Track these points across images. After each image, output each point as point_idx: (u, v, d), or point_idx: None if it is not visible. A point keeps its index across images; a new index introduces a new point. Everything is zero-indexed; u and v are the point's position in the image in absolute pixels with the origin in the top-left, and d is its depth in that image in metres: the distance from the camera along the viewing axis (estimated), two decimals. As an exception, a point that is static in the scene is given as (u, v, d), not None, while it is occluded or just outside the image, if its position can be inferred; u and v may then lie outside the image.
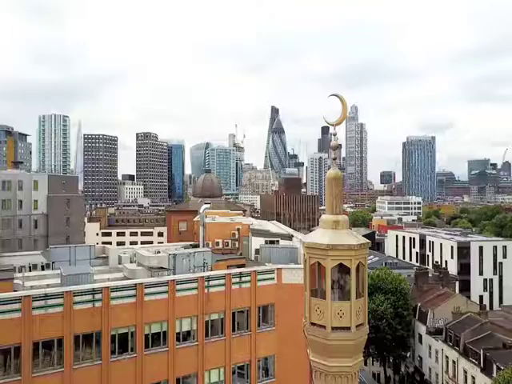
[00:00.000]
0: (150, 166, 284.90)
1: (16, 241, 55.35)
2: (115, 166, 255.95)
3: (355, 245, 9.15)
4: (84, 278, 23.78)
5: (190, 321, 25.45)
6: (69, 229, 60.60)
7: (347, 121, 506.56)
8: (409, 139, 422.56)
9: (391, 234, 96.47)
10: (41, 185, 57.99)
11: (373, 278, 54.71)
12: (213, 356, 25.87)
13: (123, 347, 23.51)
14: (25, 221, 56.66)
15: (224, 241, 39.24)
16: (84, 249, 32.44)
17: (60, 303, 21.71)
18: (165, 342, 24.55)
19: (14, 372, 20.74)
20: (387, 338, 51.08)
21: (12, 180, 57.17)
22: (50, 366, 21.54)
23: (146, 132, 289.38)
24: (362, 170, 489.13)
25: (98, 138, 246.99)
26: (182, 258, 28.53)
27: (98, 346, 22.73)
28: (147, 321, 23.94)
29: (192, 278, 25.61)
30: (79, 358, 22.22)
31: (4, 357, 20.79)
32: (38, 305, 21.21)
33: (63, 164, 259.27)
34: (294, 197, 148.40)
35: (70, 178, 75.16)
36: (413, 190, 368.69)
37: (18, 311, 20.77)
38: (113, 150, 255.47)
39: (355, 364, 9.06)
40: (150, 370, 23.87)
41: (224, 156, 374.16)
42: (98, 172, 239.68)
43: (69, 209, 61.40)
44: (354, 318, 9.04)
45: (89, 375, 22.28)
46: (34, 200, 57.00)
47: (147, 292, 23.99)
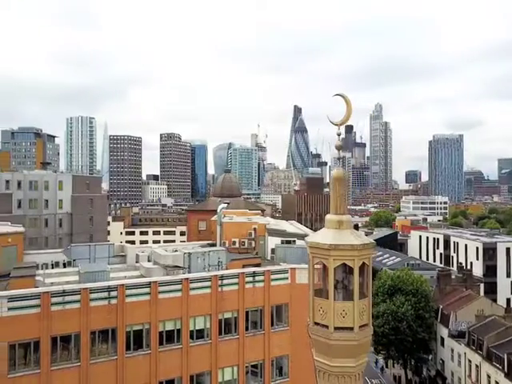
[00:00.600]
0: (174, 166, 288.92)
1: (42, 239, 57.30)
2: (139, 167, 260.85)
3: (358, 245, 9.15)
4: (100, 275, 24.45)
5: (203, 319, 25.77)
6: (92, 227, 62.26)
7: (371, 119, 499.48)
8: (435, 137, 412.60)
9: (414, 234, 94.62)
10: (65, 185, 59.83)
11: (393, 279, 53.92)
12: (226, 354, 26.11)
13: (138, 344, 24.03)
14: (50, 220, 58.60)
15: (240, 240, 39.47)
16: (103, 247, 33.29)
17: (77, 300, 22.40)
18: (179, 340, 24.95)
19: (33, 365, 21.54)
20: (408, 340, 50.24)
21: (38, 180, 59.22)
22: (68, 361, 22.25)
23: (169, 133, 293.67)
24: (387, 169, 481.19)
25: (123, 138, 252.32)
26: (196, 257, 28.91)
27: (114, 342, 23.32)
28: (161, 318, 24.40)
29: (206, 277, 25.93)
30: (95, 354, 22.87)
31: (24, 350, 21.62)
32: (56, 301, 21.94)
33: (90, 164, 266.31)
34: (316, 196, 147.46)
35: (93, 179, 77.15)
36: (439, 190, 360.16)
37: (37, 307, 21.55)
38: (137, 150, 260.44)
39: (359, 365, 9.05)
40: (164, 367, 24.31)
41: (246, 156, 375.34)
42: (122, 172, 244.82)
43: (92, 208, 63.09)
44: (357, 318, 9.04)
45: (105, 370, 22.90)
46: (58, 199, 58.88)
47: (161, 290, 24.44)
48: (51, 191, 59.09)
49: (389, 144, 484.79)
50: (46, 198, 58.87)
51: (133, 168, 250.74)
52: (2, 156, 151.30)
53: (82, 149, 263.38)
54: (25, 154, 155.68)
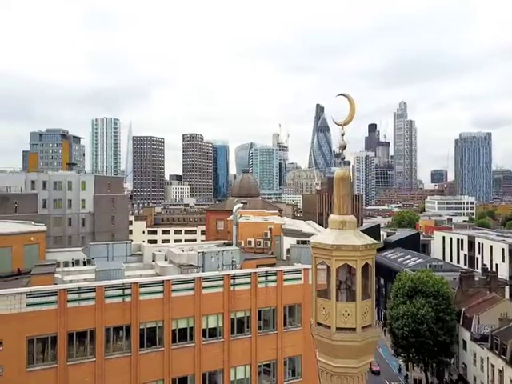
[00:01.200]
0: (196, 166, 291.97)
1: (66, 238, 59.03)
2: (162, 167, 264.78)
3: (360, 245, 9.16)
4: (115, 273, 25.03)
5: (216, 318, 26.03)
6: (114, 227, 63.70)
7: (395, 118, 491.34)
8: (462, 136, 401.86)
9: (438, 235, 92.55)
10: (88, 185, 61.45)
11: (413, 280, 52.90)
12: (239, 353, 26.30)
13: (151, 341, 24.50)
14: (73, 219, 60.31)
15: (256, 240, 39.55)
16: (121, 246, 34.03)
17: (92, 297, 23.03)
18: (191, 338, 25.29)
19: (51, 360, 22.28)
20: (428, 343, 49.22)
21: (62, 181, 61.02)
22: (84, 356, 22.91)
23: (191, 133, 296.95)
24: (412, 168, 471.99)
25: (146, 139, 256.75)
26: (210, 256, 29.23)
27: (128, 339, 23.86)
28: (174, 316, 24.78)
29: (218, 276, 26.18)
30: (110, 350, 23.45)
31: (43, 345, 22.39)
32: (72, 298, 22.63)
33: (114, 165, 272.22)
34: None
35: (114, 179, 78.83)
36: (466, 190, 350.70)
37: (54, 303, 22.28)
38: (160, 151, 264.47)
39: (362, 366, 9.04)
40: (176, 364, 24.69)
41: (267, 156, 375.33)
42: (146, 172, 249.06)
43: (114, 208, 64.56)
44: (359, 319, 9.04)
45: (119, 366, 23.46)
46: (81, 199, 60.53)
47: (174, 288, 24.83)
48: (74, 191, 60.84)
49: (413, 143, 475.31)
50: (70, 198, 60.62)
51: (156, 168, 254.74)
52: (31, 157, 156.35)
53: (106, 150, 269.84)
54: (52, 155, 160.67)
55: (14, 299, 21.45)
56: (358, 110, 9.63)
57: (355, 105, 10.41)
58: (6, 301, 21.32)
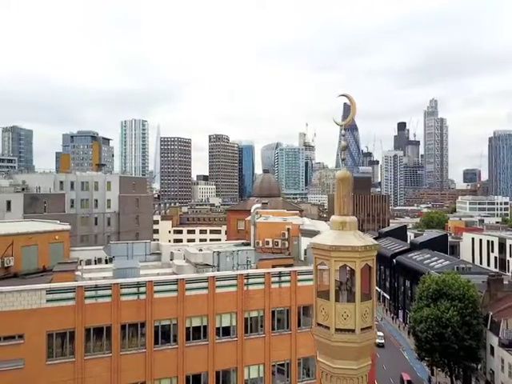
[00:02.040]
0: (222, 166, 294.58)
1: (92, 236, 60.92)
2: (189, 167, 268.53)
3: (359, 246, 9.17)
4: (131, 271, 25.72)
5: (229, 316, 26.29)
6: (138, 226, 65.24)
7: (425, 116, 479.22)
8: (496, 134, 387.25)
9: (467, 236, 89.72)
10: (113, 185, 63.21)
11: (438, 282, 51.59)
12: (252, 352, 26.46)
13: (166, 338, 25.02)
14: (99, 218, 62.18)
15: (274, 240, 39.60)
16: (140, 245, 34.87)
17: (109, 294, 23.75)
18: (205, 336, 25.65)
19: (69, 354, 23.14)
20: (453, 348, 47.85)
21: (89, 181, 63.00)
22: (100, 351, 23.65)
23: (217, 134, 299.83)
24: (443, 167, 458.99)
25: (173, 140, 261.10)
26: (225, 256, 29.58)
27: (143, 336, 24.45)
28: (188, 314, 25.21)
29: (231, 275, 26.43)
30: (126, 346, 24.11)
31: (61, 340, 23.27)
32: (89, 295, 23.42)
33: (142, 166, 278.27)
34: (363, 197, 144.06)
35: (139, 179, 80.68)
36: (501, 189, 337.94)
37: (72, 299, 23.12)
38: (187, 151, 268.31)
39: (361, 367, 9.05)
40: (190, 362, 25.11)
41: (293, 155, 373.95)
42: (173, 173, 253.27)
43: (138, 207, 66.11)
44: (358, 320, 9.06)
45: (134, 362, 24.09)
46: (107, 199, 62.31)
47: (188, 287, 25.25)
48: (100, 191, 62.73)
49: (445, 141, 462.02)
50: (96, 198, 62.54)
51: (183, 169, 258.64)
52: (63, 158, 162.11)
53: (135, 151, 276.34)
54: (82, 156, 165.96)
55: (34, 295, 22.41)
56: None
57: (356, 105, 10.42)
58: (27, 296, 22.30)
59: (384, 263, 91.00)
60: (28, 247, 32.58)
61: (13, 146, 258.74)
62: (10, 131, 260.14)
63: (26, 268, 32.16)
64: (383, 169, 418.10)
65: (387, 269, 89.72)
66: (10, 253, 31.29)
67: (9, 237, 31.54)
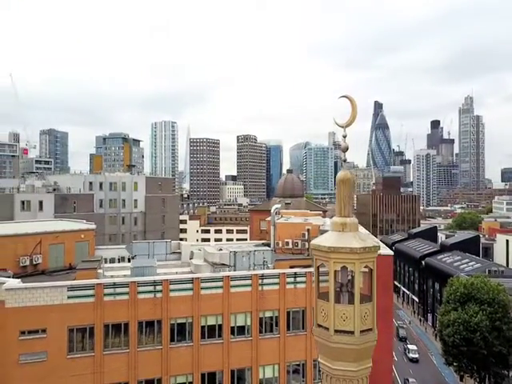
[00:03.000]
0: (250, 166, 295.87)
1: (120, 235, 62.75)
2: (217, 168, 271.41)
3: (358, 248, 9.18)
4: (148, 270, 26.42)
5: (244, 316, 26.55)
6: (164, 225, 66.64)
7: (460, 113, 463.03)
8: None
9: (500, 238, 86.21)
10: (140, 186, 64.92)
11: (466, 286, 49.97)
12: (267, 352, 26.62)
13: (181, 336, 25.56)
14: (127, 218, 63.97)
15: (294, 241, 39.56)
16: (161, 244, 35.69)
17: (126, 292, 24.51)
18: (220, 335, 26.02)
19: (89, 348, 24.05)
20: (482, 353, 46.21)
21: (117, 182, 64.91)
22: (118, 347, 24.45)
23: (245, 134, 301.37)
24: (479, 166, 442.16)
25: (202, 141, 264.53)
26: (241, 256, 29.84)
27: (159, 333, 25.09)
28: (203, 313, 25.66)
29: (246, 275, 26.68)
30: (142, 342, 24.81)
31: (82, 335, 24.22)
32: (108, 292, 24.26)
33: (172, 166, 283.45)
34: (393, 197, 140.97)
35: (165, 180, 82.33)
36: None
37: (92, 296, 24.03)
38: (215, 152, 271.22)
39: (361, 369, 9.06)
40: (205, 359, 25.55)
41: (321, 155, 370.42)
42: (202, 173, 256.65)
43: (164, 207, 67.54)
44: (357, 322, 9.09)
45: (150, 358, 24.75)
46: (134, 199, 64.02)
47: (203, 286, 25.70)
48: (128, 192, 64.54)
49: (481, 139, 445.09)
50: (124, 198, 64.41)
51: (211, 169, 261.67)
52: (96, 159, 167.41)
53: (165, 151, 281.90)
54: (114, 157, 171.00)
55: (56, 291, 23.44)
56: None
57: (357, 106, 10.43)
58: (50, 293, 23.35)
59: (413, 265, 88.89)
60: (55, 245, 34.04)
61: (49, 148, 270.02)
62: (47, 134, 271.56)
63: (53, 265, 33.63)
64: (415, 168, 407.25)
65: (416, 271, 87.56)
66: (38, 251, 32.82)
67: (37, 235, 33.08)
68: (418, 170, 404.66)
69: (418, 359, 61.11)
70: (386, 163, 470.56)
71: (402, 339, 67.55)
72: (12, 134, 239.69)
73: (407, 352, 62.17)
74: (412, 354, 61.33)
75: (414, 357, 61.13)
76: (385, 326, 27.95)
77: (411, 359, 61.02)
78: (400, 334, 68.62)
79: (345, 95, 10.48)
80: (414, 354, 61.45)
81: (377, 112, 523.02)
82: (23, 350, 22.80)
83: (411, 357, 60.95)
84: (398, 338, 67.01)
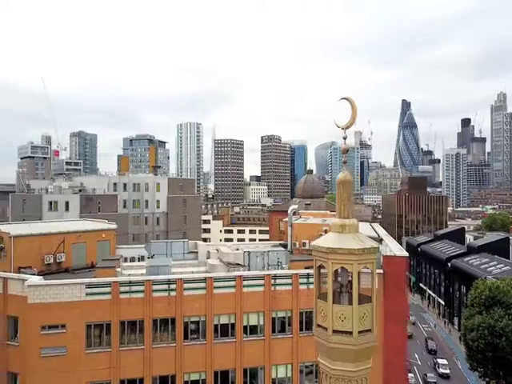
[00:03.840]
0: (274, 167, 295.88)
1: (143, 235, 64.23)
2: (241, 168, 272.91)
3: (356, 249, 9.39)
4: (163, 269, 27.08)
5: (257, 316, 26.81)
6: (186, 225, 67.76)
7: (493, 111, 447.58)
8: None
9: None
10: (162, 187, 66.33)
11: (491, 289, 48.51)
12: (280, 351, 26.78)
13: (195, 334, 26.07)
14: (149, 218, 65.46)
15: (310, 241, 39.54)
16: (179, 244, 36.43)
17: (141, 290, 25.23)
18: (233, 334, 26.38)
19: (105, 344, 24.90)
20: (508, 359, 44.75)
21: (140, 183, 66.54)
22: (134, 343, 25.20)
23: (269, 135, 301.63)
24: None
25: (226, 142, 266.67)
26: (255, 256, 30.14)
27: (173, 331, 25.69)
28: (216, 312, 26.09)
29: (258, 275, 26.93)
30: (157, 339, 25.47)
31: (100, 331, 25.10)
32: (124, 290, 25.04)
33: (197, 167, 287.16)
34: (419, 197, 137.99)
35: (186, 181, 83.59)
36: None
37: (108, 294, 24.86)
38: (239, 153, 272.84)
39: (360, 370, 9.23)
40: (218, 358, 25.97)
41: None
42: (226, 174, 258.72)
43: (186, 207, 68.69)
44: (356, 323, 9.29)
45: (165, 355, 25.38)
46: (156, 200, 65.46)
47: (216, 285, 26.12)
48: (150, 192, 66.06)
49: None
50: (146, 199, 65.97)
51: (235, 170, 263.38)
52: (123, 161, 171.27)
53: (190, 153, 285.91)
54: (140, 158, 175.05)
55: (75, 288, 24.40)
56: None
57: (357, 108, 10.56)
58: (69, 290, 24.33)
59: (438, 267, 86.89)
60: (77, 244, 35.31)
61: (79, 149, 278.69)
62: (76, 136, 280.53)
63: (76, 264, 34.89)
64: (444, 168, 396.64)
65: (442, 273, 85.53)
66: (61, 249, 34.13)
67: (60, 235, 34.41)
68: (448, 169, 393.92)
69: (450, 375, 56.33)
70: (414, 163, 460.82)
71: (432, 352, 62.29)
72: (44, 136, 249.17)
73: (437, 367, 57.47)
74: (442, 369, 56.34)
75: (444, 372, 56.20)
76: (399, 328, 27.64)
77: (441, 375, 56.17)
78: (429, 347, 63.37)
79: (345, 97, 10.61)
80: (445, 369, 56.59)
81: (404, 111, 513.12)
82: (44, 344, 23.86)
83: (442, 372, 56.01)
84: (427, 351, 62.86)
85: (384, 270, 27.87)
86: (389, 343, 27.72)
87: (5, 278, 25.41)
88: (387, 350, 27.88)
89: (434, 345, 64.00)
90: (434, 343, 64.51)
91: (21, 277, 25.30)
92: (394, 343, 27.77)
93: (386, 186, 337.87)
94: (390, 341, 27.67)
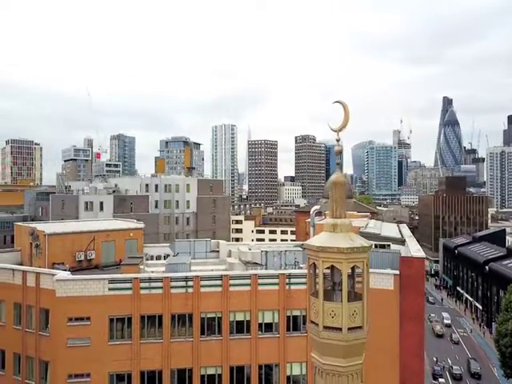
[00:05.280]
0: (308, 167, 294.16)
1: (173, 234, 66.28)
2: (275, 169, 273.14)
3: (345, 248, 9.86)
4: (181, 267, 28.21)
5: (271, 314, 27.38)
6: (215, 225, 69.25)
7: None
8: None
9: None
10: (192, 187, 68.18)
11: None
12: (294, 349, 27.19)
13: (211, 330, 27.00)
14: (180, 218, 67.43)
15: (332, 242, 39.60)
16: (202, 243, 37.59)
17: (160, 286, 26.46)
18: (248, 330, 27.09)
19: (127, 337, 26.31)
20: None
21: (171, 184, 68.71)
22: (153, 337, 26.45)
23: (303, 135, 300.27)
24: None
25: (260, 143, 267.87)
26: (273, 256, 30.72)
27: (190, 326, 26.73)
28: (232, 309, 26.90)
29: (273, 274, 27.50)
30: (175, 334, 26.61)
31: (121, 324, 26.54)
32: (144, 286, 26.36)
33: (231, 169, 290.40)
34: (457, 198, 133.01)
35: (216, 182, 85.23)
36: None
37: (129, 289, 26.26)
38: (273, 153, 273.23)
39: (350, 365, 9.67)
40: (234, 353, 26.77)
41: (384, 154, 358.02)
42: (260, 174, 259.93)
43: (215, 208, 70.18)
44: (345, 319, 9.77)
45: (182, 349, 26.47)
46: (186, 200, 67.33)
47: (232, 283, 26.94)
48: (181, 193, 68.06)
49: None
50: (177, 199, 68.02)
51: (269, 170, 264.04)
52: (159, 162, 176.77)
53: (225, 154, 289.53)
54: (175, 160, 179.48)
55: (98, 284, 25.97)
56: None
57: (349, 113, 11.00)
58: (93, 285, 25.93)
59: (476, 270, 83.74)
60: (107, 243, 37.27)
61: (119, 152, 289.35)
62: (116, 139, 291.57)
63: (105, 261, 36.84)
64: (489, 167, 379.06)
65: (479, 276, 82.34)
66: (92, 247, 36.19)
67: (91, 233, 36.48)
68: (492, 168, 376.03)
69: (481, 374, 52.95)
70: (457, 162, 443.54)
71: (475, 375, 53.67)
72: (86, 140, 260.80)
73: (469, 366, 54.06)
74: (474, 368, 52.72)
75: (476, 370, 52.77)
76: (415, 329, 27.34)
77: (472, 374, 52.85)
78: (472, 369, 54.16)
79: (338, 101, 11.02)
80: (476, 368, 53.13)
81: (446, 108, 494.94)
82: (71, 335, 25.57)
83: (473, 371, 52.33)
84: (469, 374, 54.44)
85: (400, 271, 27.66)
86: (405, 345, 27.50)
87: (37, 272, 27.47)
88: (404, 352, 27.65)
89: (477, 367, 54.69)
90: (477, 365, 55.26)
91: (50, 272, 27.21)
92: (411, 345, 27.51)
93: (425, 186, 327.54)
94: (406, 342, 27.45)
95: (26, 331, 27.44)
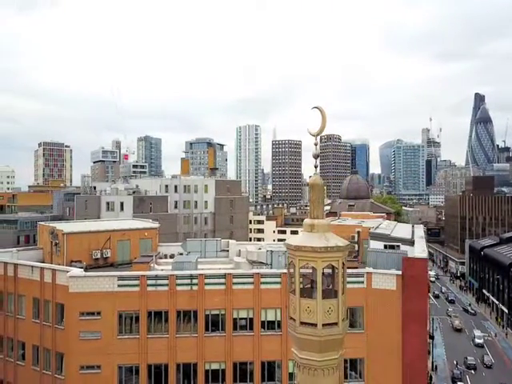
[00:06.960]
0: (333, 167, 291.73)
1: (192, 234, 67.78)
2: (299, 169, 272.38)
3: (319, 247, 10.54)
4: (187, 265, 29.25)
5: (274, 312, 28.02)
6: (232, 225, 70.31)
7: None
8: None
9: None
10: (210, 188, 69.48)
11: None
12: (297, 348, 27.69)
13: (215, 326, 27.90)
14: (198, 218, 68.86)
15: (341, 242, 39.80)
16: (212, 243, 38.64)
17: (166, 283, 27.57)
18: (251, 328, 27.82)
19: (134, 331, 27.56)
20: None
21: (190, 185, 70.27)
22: (160, 332, 27.60)
23: (329, 134, 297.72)
24: None
25: (284, 143, 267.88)
26: (277, 255, 31.34)
27: (195, 323, 27.72)
28: (235, 306, 27.71)
29: (275, 273, 28.13)
30: (180, 329, 27.66)
31: (130, 319, 27.82)
32: (151, 283, 27.54)
33: (255, 169, 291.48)
34: (485, 198, 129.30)
35: (233, 182, 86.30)
36: None
37: (137, 286, 27.50)
38: (297, 153, 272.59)
39: (325, 360, 10.33)
40: (237, 350, 27.56)
41: (412, 153, 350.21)
42: (284, 175, 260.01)
43: (232, 208, 71.24)
44: (320, 316, 10.47)
45: (187, 344, 27.48)
46: (204, 201, 68.67)
47: (235, 281, 27.76)
48: (199, 194, 69.50)
49: None
50: (196, 200, 69.50)
51: (293, 170, 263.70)
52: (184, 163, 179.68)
53: (249, 154, 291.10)
54: (199, 161, 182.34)
55: (108, 280, 27.33)
56: None
57: (326, 117, 11.65)
58: (103, 281, 27.32)
59: (502, 272, 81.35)
60: (122, 241, 38.90)
61: (145, 153, 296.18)
62: (143, 140, 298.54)
63: (121, 259, 38.47)
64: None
65: (505, 279, 79.97)
66: (107, 246, 37.87)
67: (107, 233, 38.17)
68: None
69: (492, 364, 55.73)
70: (489, 161, 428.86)
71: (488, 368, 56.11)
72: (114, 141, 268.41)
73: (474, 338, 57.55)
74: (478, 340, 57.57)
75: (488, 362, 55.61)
76: (419, 329, 27.38)
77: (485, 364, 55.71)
78: (485, 362, 57.20)
79: (316, 106, 11.68)
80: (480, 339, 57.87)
81: (477, 105, 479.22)
82: (83, 328, 27.04)
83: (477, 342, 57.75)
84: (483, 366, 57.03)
85: (403, 271, 27.74)
86: (408, 345, 27.55)
87: (53, 269, 29.14)
88: (407, 352, 27.71)
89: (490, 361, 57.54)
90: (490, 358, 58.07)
91: (65, 269, 28.83)
92: (416, 345, 27.54)
93: (455, 185, 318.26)
94: (409, 343, 27.50)
95: (44, 324, 29.14)
